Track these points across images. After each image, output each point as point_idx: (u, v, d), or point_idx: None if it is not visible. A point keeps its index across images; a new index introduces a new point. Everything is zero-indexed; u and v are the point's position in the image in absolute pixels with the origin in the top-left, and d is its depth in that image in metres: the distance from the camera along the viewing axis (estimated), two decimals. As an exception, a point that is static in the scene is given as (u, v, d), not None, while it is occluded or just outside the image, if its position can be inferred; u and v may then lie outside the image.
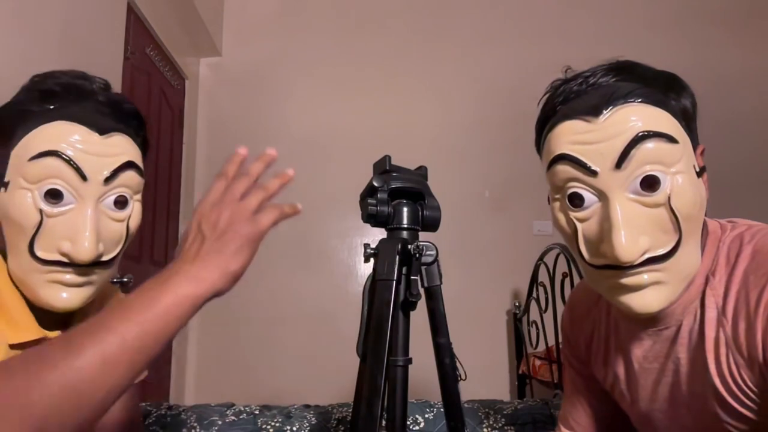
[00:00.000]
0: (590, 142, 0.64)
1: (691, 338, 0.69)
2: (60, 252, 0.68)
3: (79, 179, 0.68)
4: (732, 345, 0.65)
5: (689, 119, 0.67)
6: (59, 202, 0.68)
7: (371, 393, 0.75)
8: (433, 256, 0.83)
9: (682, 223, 0.63)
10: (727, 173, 3.09)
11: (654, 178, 0.62)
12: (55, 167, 0.67)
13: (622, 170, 0.62)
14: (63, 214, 0.68)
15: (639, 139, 0.62)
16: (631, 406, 0.81)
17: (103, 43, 2.05)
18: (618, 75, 0.67)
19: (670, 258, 0.63)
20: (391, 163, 0.85)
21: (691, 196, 0.63)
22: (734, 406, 0.66)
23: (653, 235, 0.63)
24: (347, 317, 2.19)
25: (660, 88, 0.66)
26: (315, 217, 3.06)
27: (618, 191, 0.63)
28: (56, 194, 0.67)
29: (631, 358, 0.77)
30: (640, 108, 0.63)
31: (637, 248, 0.62)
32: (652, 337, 0.74)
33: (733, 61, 3.24)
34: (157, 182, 2.65)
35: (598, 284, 0.69)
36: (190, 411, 1.37)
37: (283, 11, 3.29)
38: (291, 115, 3.15)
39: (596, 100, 0.65)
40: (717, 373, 0.66)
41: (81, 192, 0.68)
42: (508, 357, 2.99)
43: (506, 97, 3.14)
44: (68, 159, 0.67)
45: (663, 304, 0.65)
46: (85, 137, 0.69)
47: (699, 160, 0.68)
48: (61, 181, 0.67)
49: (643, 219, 0.63)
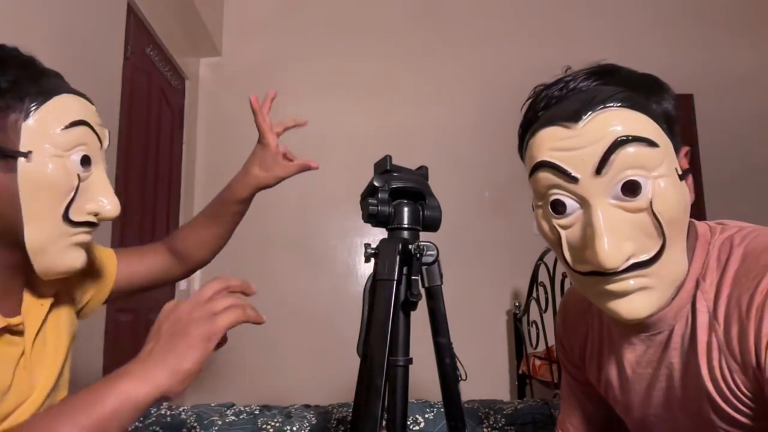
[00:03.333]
0: (570, 149, 0.63)
1: (683, 343, 0.68)
2: (91, 212, 0.73)
3: (98, 146, 0.75)
4: (725, 349, 0.64)
5: (671, 122, 0.66)
6: (89, 167, 0.73)
7: (371, 393, 0.75)
8: (433, 256, 0.83)
9: (666, 227, 0.62)
10: (727, 173, 3.10)
11: (635, 183, 0.61)
12: (86, 135, 0.73)
13: (602, 176, 0.62)
14: (89, 177, 0.74)
15: (618, 144, 0.61)
16: (626, 411, 0.80)
17: (103, 43, 2.05)
18: (599, 79, 0.66)
19: (655, 263, 0.63)
20: (391, 163, 0.85)
21: (673, 199, 0.62)
22: (728, 411, 0.65)
23: (637, 240, 0.62)
24: (347, 317, 2.20)
25: (641, 91, 0.65)
26: (315, 217, 3.07)
27: (599, 197, 0.62)
28: (87, 160, 0.73)
29: (624, 364, 0.76)
30: (620, 112, 0.63)
31: (620, 254, 0.61)
32: (644, 342, 0.73)
33: (733, 61, 3.24)
34: (157, 182, 2.65)
35: (586, 291, 0.69)
36: (190, 411, 1.37)
37: (283, 11, 3.29)
38: (291, 114, 3.14)
39: (576, 106, 0.64)
40: (710, 378, 0.65)
41: (97, 157, 0.75)
42: (508, 357, 2.99)
43: (507, 97, 3.12)
44: (93, 127, 0.74)
45: (651, 309, 0.64)
46: (91, 108, 0.76)
47: (683, 162, 0.67)
48: (88, 148, 0.73)
49: (626, 224, 0.62)
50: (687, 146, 0.68)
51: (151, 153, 2.58)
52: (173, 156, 2.88)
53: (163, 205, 2.74)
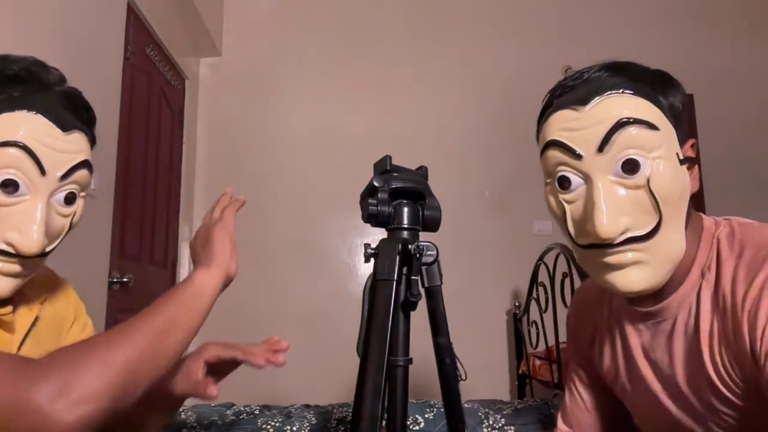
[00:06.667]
0: (577, 129, 0.69)
1: (687, 331, 0.72)
2: (6, 242, 0.67)
3: (38, 172, 0.67)
4: (723, 338, 0.68)
5: (678, 114, 0.70)
6: (14, 192, 0.67)
7: (371, 393, 0.75)
8: (433, 256, 0.83)
9: (662, 205, 0.66)
10: (727, 172, 3.10)
11: (634, 161, 0.66)
12: (16, 158, 0.66)
13: (604, 154, 0.67)
14: (15, 204, 0.67)
15: (620, 124, 0.66)
16: (632, 398, 0.83)
17: (103, 43, 2.05)
18: (610, 71, 0.71)
19: (651, 238, 0.67)
20: (391, 163, 0.85)
21: (670, 181, 0.67)
22: (726, 394, 0.69)
23: (634, 215, 0.67)
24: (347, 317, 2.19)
25: (648, 83, 0.69)
26: (315, 217, 3.07)
27: (601, 174, 0.67)
28: (11, 184, 0.66)
29: (632, 351, 0.80)
30: (624, 98, 0.68)
31: (616, 226, 0.66)
32: (650, 330, 0.77)
33: (733, 61, 3.24)
34: (157, 182, 2.65)
35: (586, 264, 0.73)
36: (190, 411, 1.37)
37: (283, 11, 3.30)
38: (291, 115, 3.15)
39: (585, 91, 0.69)
40: (711, 364, 0.69)
41: (36, 185, 0.68)
42: (508, 357, 2.99)
43: (507, 97, 3.14)
44: (31, 151, 0.66)
45: (645, 284, 0.68)
46: (49, 132, 0.68)
47: (690, 152, 0.71)
48: (18, 172, 0.66)
49: (624, 200, 0.67)
50: (693, 139, 0.72)
51: (151, 153, 2.58)
52: (173, 156, 2.88)
53: (163, 205, 2.74)
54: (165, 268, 2.76)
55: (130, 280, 2.22)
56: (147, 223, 2.53)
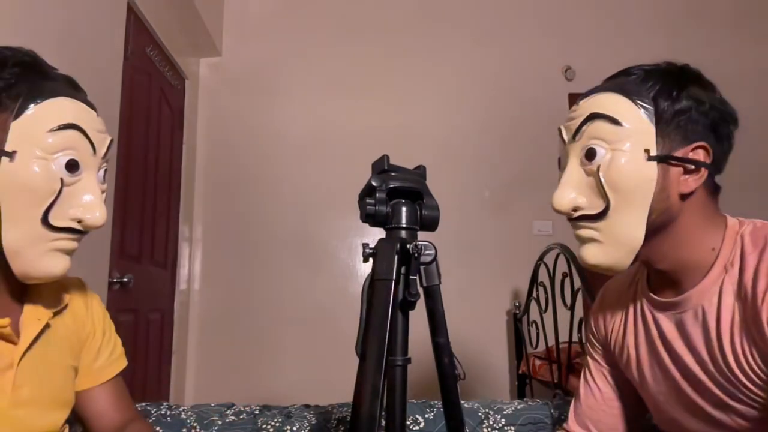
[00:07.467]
0: (569, 120, 0.81)
1: (710, 322, 0.76)
2: (74, 219, 0.72)
3: (90, 151, 0.73)
4: (745, 329, 0.72)
5: (668, 117, 0.75)
6: (76, 172, 0.72)
7: (371, 393, 0.75)
8: (431, 255, 0.82)
9: (609, 192, 0.74)
10: (727, 173, 3.10)
11: (593, 150, 0.76)
12: (75, 139, 0.71)
13: (576, 141, 0.79)
14: (76, 183, 0.72)
15: (589, 117, 0.77)
16: (652, 386, 0.87)
17: (103, 43, 2.05)
18: (626, 73, 0.80)
19: (600, 220, 0.76)
20: (389, 162, 0.85)
21: (623, 172, 0.74)
22: (747, 385, 0.72)
23: (587, 196, 0.77)
24: (347, 317, 2.19)
25: (643, 85, 0.76)
26: (315, 216, 3.07)
27: (574, 157, 0.79)
28: (75, 165, 0.71)
29: (654, 341, 0.84)
30: (605, 96, 0.78)
31: (565, 200, 0.77)
32: (672, 320, 0.81)
33: (733, 61, 3.23)
34: (157, 182, 2.65)
35: None
36: (190, 411, 1.37)
37: (283, 11, 3.29)
38: (291, 114, 3.15)
39: (589, 90, 0.81)
40: (732, 355, 0.73)
41: (88, 163, 0.73)
42: (508, 357, 2.99)
43: (507, 97, 3.14)
44: (85, 132, 0.72)
45: (598, 260, 0.77)
46: (90, 114, 0.75)
47: (694, 155, 0.76)
48: (77, 152, 0.71)
49: (582, 182, 0.78)
50: (702, 142, 0.76)
51: (151, 153, 2.58)
52: (173, 156, 2.88)
53: (164, 205, 2.74)
54: (165, 268, 2.76)
55: (130, 280, 2.21)
56: (147, 223, 2.53)
